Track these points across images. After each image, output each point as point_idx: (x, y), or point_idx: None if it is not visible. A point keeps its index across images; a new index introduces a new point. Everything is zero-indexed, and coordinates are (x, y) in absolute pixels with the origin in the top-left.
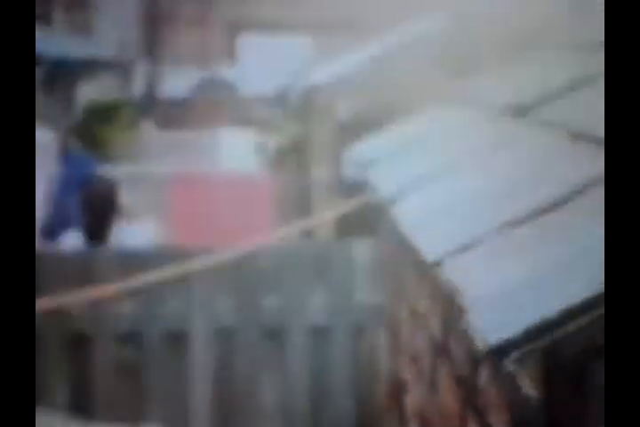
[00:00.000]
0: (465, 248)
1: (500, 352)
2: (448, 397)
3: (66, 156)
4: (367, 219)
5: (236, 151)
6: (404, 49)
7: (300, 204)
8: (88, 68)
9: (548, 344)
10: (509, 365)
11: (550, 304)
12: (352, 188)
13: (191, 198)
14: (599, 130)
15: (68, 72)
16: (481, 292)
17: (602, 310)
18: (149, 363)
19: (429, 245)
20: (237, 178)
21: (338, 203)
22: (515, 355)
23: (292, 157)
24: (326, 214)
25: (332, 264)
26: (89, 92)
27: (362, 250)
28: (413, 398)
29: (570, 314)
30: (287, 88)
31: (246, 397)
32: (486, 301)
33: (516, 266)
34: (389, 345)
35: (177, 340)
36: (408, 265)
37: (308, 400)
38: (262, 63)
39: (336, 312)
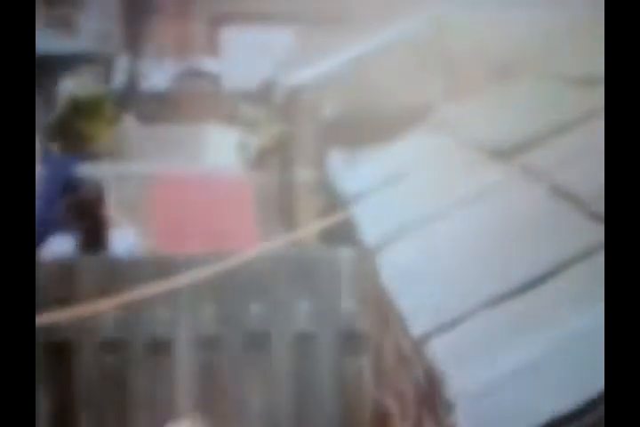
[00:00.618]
0: (452, 324)
1: None
2: None
3: (45, 157)
4: (352, 228)
5: (219, 149)
6: (389, 50)
7: (283, 204)
8: (69, 62)
9: None
10: None
11: (541, 407)
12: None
13: (173, 199)
14: (582, 183)
15: (48, 67)
16: (468, 384)
17: (600, 413)
18: (134, 370)
19: (415, 315)
20: (220, 178)
21: (321, 203)
22: None
23: (275, 156)
24: (311, 227)
25: (317, 271)
26: (70, 87)
27: (347, 257)
28: None
29: (560, 423)
30: (270, 83)
31: (231, 404)
32: (473, 397)
33: (507, 350)
34: (373, 370)
35: (162, 347)
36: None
37: (293, 407)
38: (245, 57)
39: (321, 319)
